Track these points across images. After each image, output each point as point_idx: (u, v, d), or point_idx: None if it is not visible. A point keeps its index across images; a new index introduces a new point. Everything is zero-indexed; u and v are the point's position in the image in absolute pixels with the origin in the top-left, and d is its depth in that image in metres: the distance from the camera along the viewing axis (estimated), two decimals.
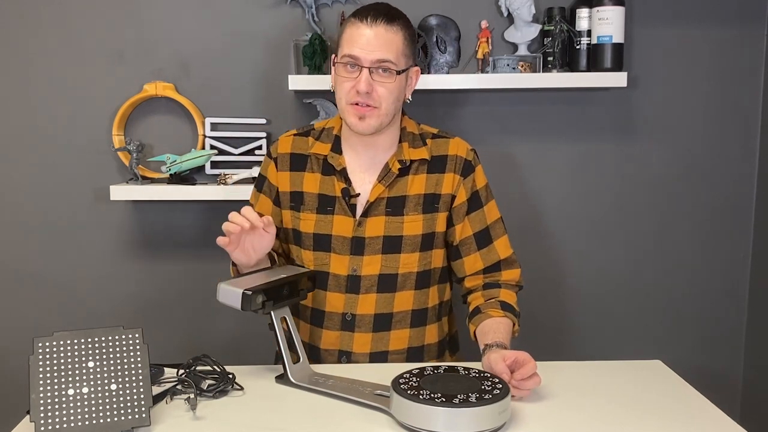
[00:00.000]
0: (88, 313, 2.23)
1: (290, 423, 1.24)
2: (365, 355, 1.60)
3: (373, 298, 1.58)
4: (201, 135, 2.15)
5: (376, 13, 1.50)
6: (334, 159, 1.60)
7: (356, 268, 1.57)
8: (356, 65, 1.49)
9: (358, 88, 1.48)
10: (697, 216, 2.27)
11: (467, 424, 1.15)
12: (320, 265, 1.59)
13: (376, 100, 1.50)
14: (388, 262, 1.58)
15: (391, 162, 1.59)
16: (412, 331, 1.62)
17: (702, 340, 2.31)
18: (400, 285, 1.59)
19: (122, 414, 1.19)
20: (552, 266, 2.27)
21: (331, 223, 1.58)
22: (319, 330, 1.62)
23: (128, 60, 2.16)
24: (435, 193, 1.59)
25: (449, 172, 1.60)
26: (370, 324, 1.59)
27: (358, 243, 1.57)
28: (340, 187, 1.58)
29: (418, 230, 1.58)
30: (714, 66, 2.20)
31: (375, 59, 1.48)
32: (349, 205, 1.58)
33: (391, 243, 1.57)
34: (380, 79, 1.49)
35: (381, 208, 1.58)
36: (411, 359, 1.62)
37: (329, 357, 1.61)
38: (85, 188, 2.20)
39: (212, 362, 1.41)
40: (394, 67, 1.49)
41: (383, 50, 1.48)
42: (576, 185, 2.24)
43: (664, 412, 1.29)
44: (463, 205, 1.61)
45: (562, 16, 2.08)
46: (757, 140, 2.24)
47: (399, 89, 1.53)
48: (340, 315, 1.59)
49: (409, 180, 1.59)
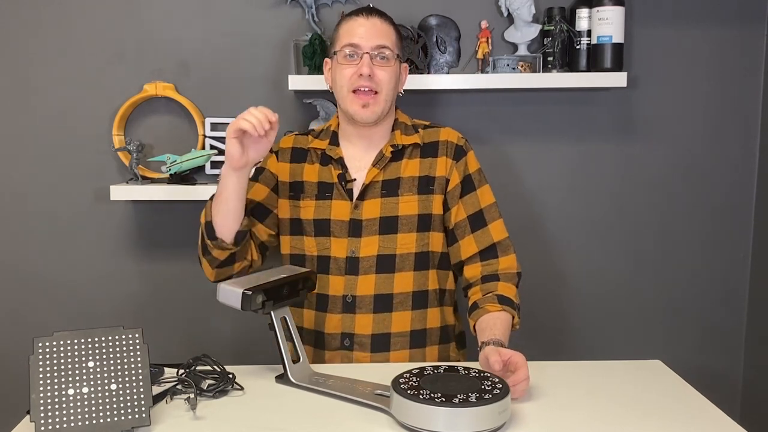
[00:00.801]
0: (88, 313, 2.23)
1: (290, 423, 1.24)
2: (367, 337, 1.62)
3: (372, 279, 1.62)
4: (201, 135, 2.15)
5: (370, 10, 1.64)
6: (332, 150, 1.67)
7: (354, 249, 1.62)
8: (356, 53, 1.59)
9: (360, 72, 1.57)
10: (697, 216, 2.27)
11: (467, 424, 1.15)
12: (322, 249, 1.64)
13: (378, 84, 1.59)
14: (386, 242, 1.62)
15: (384, 149, 1.67)
16: (413, 314, 1.65)
17: (702, 340, 2.31)
18: (399, 266, 1.63)
19: (122, 414, 1.19)
20: (552, 266, 2.27)
21: (330, 208, 1.64)
22: (323, 315, 1.64)
23: (128, 60, 2.16)
24: (429, 175, 1.66)
25: (441, 156, 1.67)
26: (370, 305, 1.62)
27: (355, 225, 1.63)
28: (337, 173, 1.65)
29: (414, 210, 1.64)
30: (714, 66, 2.20)
31: (374, 45, 1.59)
32: (345, 190, 1.64)
33: (387, 223, 1.63)
34: (380, 64, 1.60)
35: (376, 190, 1.64)
36: (414, 343, 1.65)
37: (333, 341, 1.64)
38: (85, 188, 2.20)
39: (212, 362, 1.41)
40: (391, 52, 1.61)
41: (381, 37, 1.60)
42: (576, 185, 2.24)
43: (664, 412, 1.29)
44: (457, 188, 1.67)
45: (562, 16, 2.08)
46: (757, 140, 2.24)
47: (396, 76, 1.63)
48: (341, 297, 1.63)
49: (402, 164, 1.66)
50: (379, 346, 1.63)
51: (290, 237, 1.69)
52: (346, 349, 1.63)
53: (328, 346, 1.64)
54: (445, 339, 1.72)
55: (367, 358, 1.62)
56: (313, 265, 1.65)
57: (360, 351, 1.63)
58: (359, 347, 1.62)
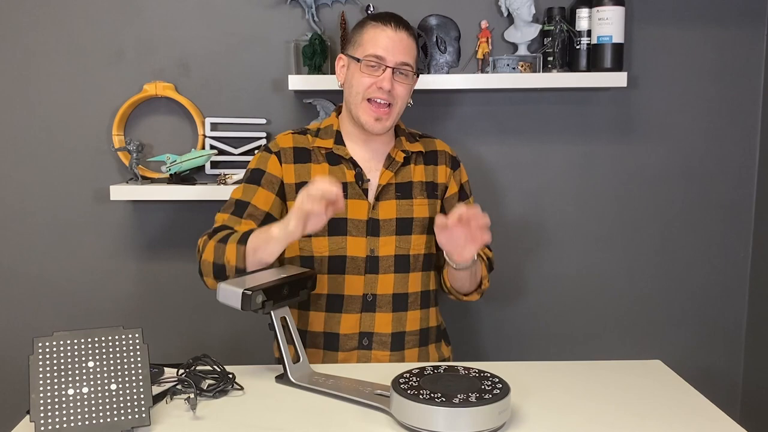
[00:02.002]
0: (88, 313, 2.23)
1: (290, 423, 1.24)
2: (387, 336, 1.64)
3: (392, 278, 1.64)
4: (201, 135, 2.15)
5: (398, 20, 1.62)
6: (340, 150, 1.66)
7: (374, 248, 1.63)
8: (380, 65, 1.59)
9: (381, 86, 1.58)
10: (697, 216, 2.27)
11: (467, 424, 1.15)
12: (336, 249, 1.63)
13: (394, 98, 1.61)
14: (402, 243, 1.65)
15: (393, 153, 1.68)
16: (422, 313, 1.69)
17: (702, 340, 2.31)
18: (413, 266, 1.67)
19: (122, 414, 1.19)
20: (552, 266, 2.27)
21: (346, 207, 1.63)
22: (337, 315, 1.64)
23: (128, 60, 2.16)
24: (433, 181, 1.72)
25: (441, 164, 1.73)
26: (389, 304, 1.64)
27: (373, 225, 1.63)
28: (351, 173, 1.65)
29: (426, 213, 1.68)
30: (714, 66, 2.20)
31: (399, 61, 1.59)
32: (362, 189, 1.64)
33: (403, 225, 1.65)
34: (399, 80, 1.61)
35: (391, 192, 1.66)
36: (422, 341, 1.69)
37: (349, 342, 1.64)
38: (85, 188, 2.20)
39: (212, 362, 1.41)
40: (411, 71, 1.62)
41: (406, 54, 1.60)
42: (576, 185, 2.24)
43: (664, 412, 1.29)
44: (455, 196, 1.73)
45: (562, 16, 2.08)
46: (757, 140, 2.24)
47: (410, 91, 1.66)
48: (361, 297, 1.63)
49: (411, 169, 1.70)
50: (397, 345, 1.65)
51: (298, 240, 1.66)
52: (364, 348, 1.63)
53: (343, 347, 1.64)
54: (439, 337, 1.76)
55: (386, 356, 1.64)
56: (324, 266, 1.63)
57: (379, 350, 1.63)
58: (379, 346, 1.63)
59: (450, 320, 1.91)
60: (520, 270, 2.26)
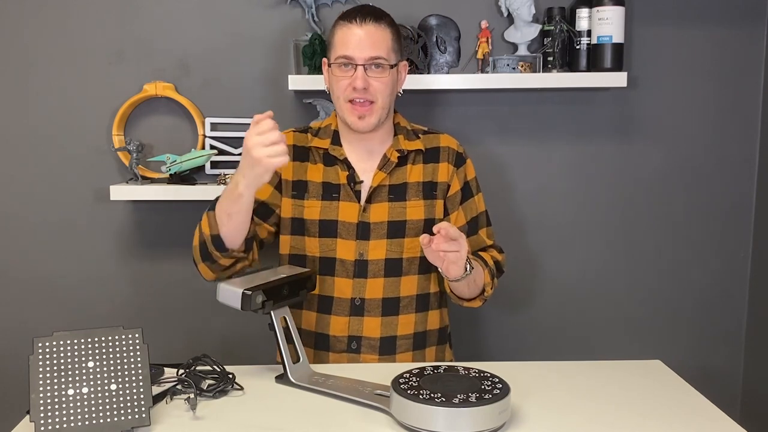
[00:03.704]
0: (88, 313, 2.23)
1: (290, 423, 1.24)
2: (375, 340, 1.62)
3: (381, 283, 1.62)
4: (201, 135, 2.15)
5: (364, 14, 1.58)
6: (335, 150, 1.65)
7: (363, 252, 1.62)
8: (350, 64, 1.57)
9: (354, 85, 1.56)
10: (697, 216, 2.27)
11: (467, 424, 1.15)
12: (326, 251, 1.63)
13: (373, 95, 1.58)
14: (393, 246, 1.63)
15: (389, 152, 1.66)
16: (417, 316, 1.67)
17: (702, 340, 2.31)
18: (405, 269, 1.64)
19: (122, 414, 1.19)
20: (552, 265, 2.27)
21: (337, 209, 1.63)
22: (327, 317, 1.64)
23: (128, 60, 2.15)
24: (432, 181, 1.67)
25: (443, 161, 1.69)
26: (378, 308, 1.62)
27: (363, 228, 1.62)
28: (345, 174, 1.64)
29: (420, 215, 1.64)
30: (714, 66, 2.20)
31: (368, 57, 1.56)
32: (353, 191, 1.63)
33: (395, 228, 1.63)
34: (374, 75, 1.57)
35: (384, 194, 1.64)
36: (417, 345, 1.67)
37: (338, 344, 1.63)
38: (85, 188, 2.20)
39: (212, 362, 1.41)
40: (386, 62, 1.58)
41: (375, 48, 1.56)
42: (576, 185, 2.24)
43: (664, 412, 1.29)
44: (457, 195, 1.69)
45: (562, 16, 2.08)
46: (757, 140, 2.24)
47: (392, 83, 1.61)
48: (349, 300, 1.62)
49: (407, 169, 1.67)
50: (387, 349, 1.63)
51: (291, 237, 1.67)
52: (353, 351, 1.63)
53: (333, 348, 1.64)
54: (442, 340, 1.74)
55: (375, 360, 1.63)
56: (315, 266, 1.64)
57: (368, 353, 1.63)
58: (367, 350, 1.63)
59: (450, 320, 1.90)
60: (519, 270, 2.25)
